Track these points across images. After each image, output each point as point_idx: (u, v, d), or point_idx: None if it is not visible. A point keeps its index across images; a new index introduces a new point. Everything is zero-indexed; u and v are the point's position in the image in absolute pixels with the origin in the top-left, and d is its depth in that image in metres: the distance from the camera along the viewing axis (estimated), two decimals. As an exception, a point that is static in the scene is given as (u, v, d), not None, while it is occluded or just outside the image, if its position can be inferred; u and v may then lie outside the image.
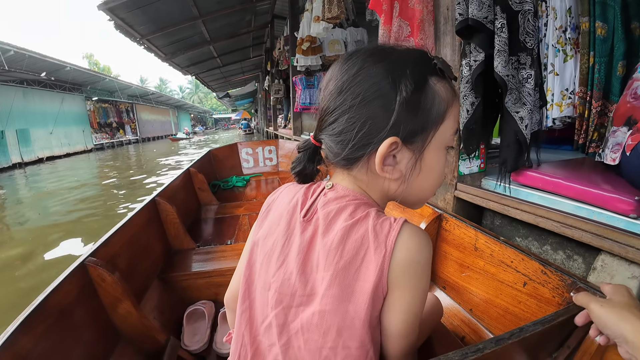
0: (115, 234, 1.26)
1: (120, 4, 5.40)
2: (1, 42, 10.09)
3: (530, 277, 0.88)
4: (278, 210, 0.57)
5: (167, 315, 1.39)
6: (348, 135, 0.49)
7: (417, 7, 1.36)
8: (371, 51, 0.50)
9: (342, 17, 3.23)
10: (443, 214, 1.24)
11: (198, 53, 10.14)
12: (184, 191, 2.45)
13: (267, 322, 0.51)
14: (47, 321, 0.83)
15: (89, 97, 20.37)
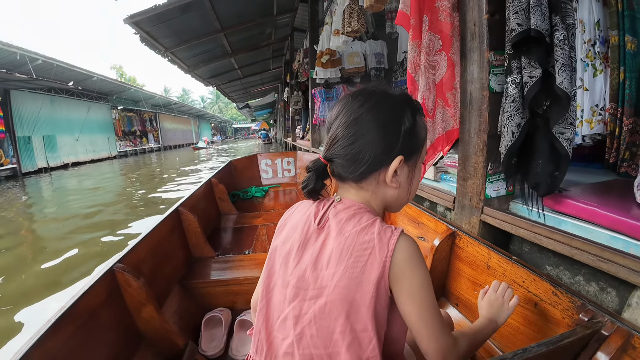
0: (141, 241, 1.33)
1: (146, 18, 5.58)
2: (29, 51, 10.52)
3: (541, 297, 0.89)
4: (294, 221, 0.70)
5: (186, 320, 1.45)
6: (366, 156, 0.62)
7: (447, 20, 1.32)
8: (376, 93, 0.65)
9: (362, 30, 3.21)
10: (457, 231, 1.26)
11: (219, 65, 10.37)
12: (205, 201, 2.51)
13: (284, 316, 0.63)
14: (77, 322, 0.89)
15: (115, 106, 21.10)
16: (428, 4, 1.32)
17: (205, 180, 2.78)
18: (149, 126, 26.70)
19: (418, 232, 1.62)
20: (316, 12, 5.61)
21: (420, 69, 1.30)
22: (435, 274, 1.29)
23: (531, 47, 1.04)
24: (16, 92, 12.62)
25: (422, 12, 1.31)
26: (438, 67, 1.31)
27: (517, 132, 1.10)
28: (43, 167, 13.94)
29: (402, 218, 1.78)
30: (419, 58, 1.32)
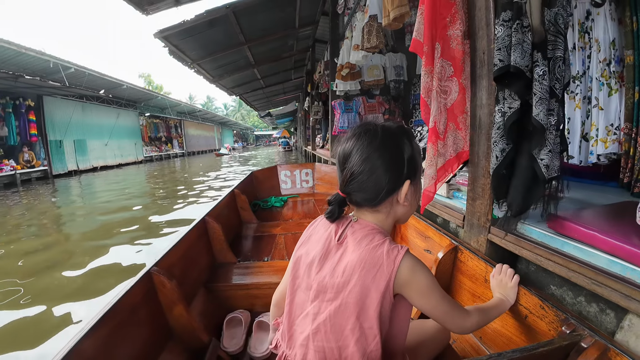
0: (174, 247, 1.49)
1: (174, 33, 5.87)
2: (62, 59, 11.07)
3: (530, 310, 0.98)
4: (317, 235, 0.83)
5: (210, 320, 1.59)
6: (381, 187, 0.74)
7: (458, 47, 1.38)
8: (379, 131, 0.76)
9: (381, 46, 3.30)
10: (459, 246, 1.36)
11: (243, 75, 10.67)
12: (228, 210, 2.70)
13: (305, 313, 0.77)
14: (120, 316, 1.03)
15: (142, 112, 21.94)
16: (440, 32, 1.39)
17: (228, 190, 2.99)
18: (174, 132, 27.58)
19: (425, 245, 1.70)
20: (337, 26, 5.74)
21: (433, 94, 1.37)
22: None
23: (512, 81, 1.10)
24: (49, 98, 13.36)
25: (434, 40, 1.38)
26: (450, 92, 1.37)
27: (501, 156, 1.16)
28: (73, 170, 14.67)
29: (411, 231, 1.87)
30: (431, 83, 1.39)
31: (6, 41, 8.82)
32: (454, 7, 1.40)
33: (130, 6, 5.08)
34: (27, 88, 11.46)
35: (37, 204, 7.40)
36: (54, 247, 4.23)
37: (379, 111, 5.22)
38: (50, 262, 3.60)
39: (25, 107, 12.33)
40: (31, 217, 6.05)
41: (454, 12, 1.39)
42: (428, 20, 1.34)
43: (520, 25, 1.08)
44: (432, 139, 1.38)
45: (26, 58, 10.05)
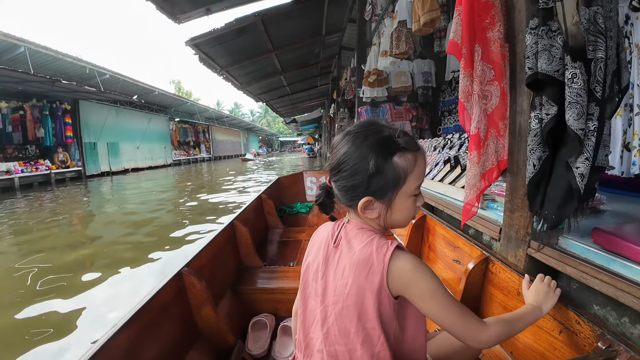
0: (203, 249, 1.53)
1: (205, 41, 6.04)
2: (98, 66, 11.72)
3: (565, 325, 0.94)
4: (318, 242, 0.84)
5: (236, 322, 1.61)
6: (347, 189, 0.74)
7: (499, 50, 1.32)
8: (354, 137, 0.73)
9: (410, 52, 3.24)
10: (490, 257, 1.31)
11: (269, 82, 10.85)
12: (255, 214, 2.73)
13: (316, 319, 0.76)
14: (152, 314, 1.07)
15: (172, 118, 22.72)
16: (480, 34, 1.33)
17: (256, 196, 3.03)
18: (202, 137, 28.35)
19: (454, 255, 1.64)
20: (364, 33, 5.71)
21: (474, 98, 1.30)
22: (468, 297, 1.32)
23: (544, 87, 1.05)
24: (85, 102, 14.07)
25: (474, 42, 1.31)
26: (490, 97, 1.30)
27: (538, 164, 1.09)
28: (106, 171, 15.35)
29: (439, 241, 1.80)
30: (471, 87, 1.32)
31: (44, 47, 9.38)
32: (493, 9, 1.33)
33: (164, 15, 5.28)
34: (64, 92, 12.12)
35: (77, 202, 7.75)
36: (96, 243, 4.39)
37: (406, 118, 5.13)
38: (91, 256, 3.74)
39: (62, 110, 13.03)
40: (80, 214, 6.33)
41: (494, 14, 1.32)
42: (466, 22, 1.29)
43: (546, 30, 1.04)
44: (475, 146, 1.30)
45: (63, 64, 10.67)
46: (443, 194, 2.15)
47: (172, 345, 1.17)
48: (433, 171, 2.39)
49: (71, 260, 3.66)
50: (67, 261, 3.64)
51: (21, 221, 5.72)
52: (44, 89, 11.17)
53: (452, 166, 2.18)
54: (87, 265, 3.56)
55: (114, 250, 4.08)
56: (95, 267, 3.48)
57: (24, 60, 9.23)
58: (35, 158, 12.49)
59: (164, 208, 6.81)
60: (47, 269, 3.37)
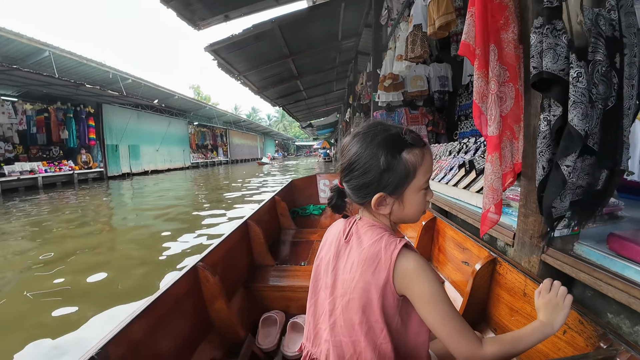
0: (218, 245, 1.59)
1: (223, 47, 6.16)
2: (121, 71, 12.05)
3: (569, 325, 0.94)
4: (330, 237, 0.87)
5: (247, 317, 1.67)
6: (358, 188, 0.77)
7: (513, 51, 1.30)
8: (363, 136, 0.76)
9: (425, 56, 3.22)
10: (497, 258, 1.31)
11: (286, 87, 10.95)
12: (268, 215, 2.79)
13: (325, 311, 0.79)
14: (168, 305, 1.12)
15: (191, 121, 23.18)
16: (494, 35, 1.31)
17: (269, 197, 3.11)
18: (219, 141, 28.82)
19: (463, 256, 1.65)
20: (380, 37, 5.71)
21: (491, 99, 1.28)
22: (475, 298, 1.33)
23: (550, 87, 1.03)
24: (107, 106, 14.52)
25: (488, 42, 1.30)
26: (505, 98, 1.28)
27: (548, 167, 1.07)
28: (126, 172, 15.76)
29: (448, 243, 1.82)
30: (486, 87, 1.30)
31: (68, 52, 9.73)
32: (507, 10, 1.31)
33: (184, 22, 5.42)
34: (88, 96, 12.54)
35: (103, 201, 7.99)
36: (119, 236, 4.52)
37: (422, 122, 5.08)
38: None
39: (86, 113, 13.49)
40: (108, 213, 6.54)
41: (507, 15, 1.31)
42: (480, 22, 1.27)
43: (551, 29, 1.03)
44: (495, 149, 1.28)
45: (87, 68, 11.05)
46: (457, 199, 2.12)
47: (185, 335, 1.22)
48: (447, 175, 2.35)
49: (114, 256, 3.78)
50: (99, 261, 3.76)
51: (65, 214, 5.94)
52: (69, 92, 11.59)
53: (467, 170, 2.15)
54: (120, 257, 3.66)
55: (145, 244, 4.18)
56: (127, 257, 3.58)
57: (49, 64, 9.55)
58: (58, 159, 12.94)
59: (183, 205, 6.95)
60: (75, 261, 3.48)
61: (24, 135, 11.96)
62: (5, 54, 9.16)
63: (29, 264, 3.52)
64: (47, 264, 3.47)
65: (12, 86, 11.06)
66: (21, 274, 3.25)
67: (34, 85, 10.59)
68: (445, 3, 2.55)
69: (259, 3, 5.56)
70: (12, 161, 11.02)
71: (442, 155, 2.96)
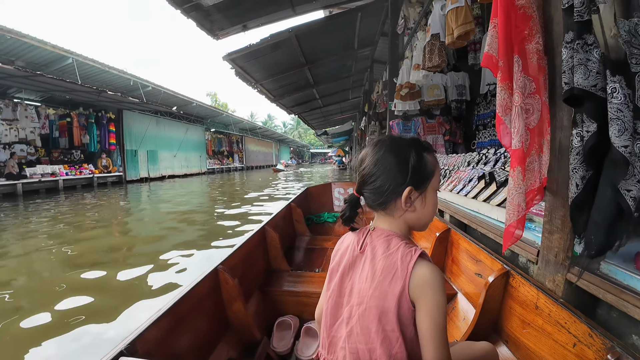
0: (238, 249, 1.65)
1: (241, 56, 6.27)
2: (141, 78, 12.43)
3: (579, 338, 0.95)
4: (343, 248, 0.89)
5: (263, 320, 1.70)
6: (385, 188, 0.79)
7: (539, 62, 1.26)
8: (390, 140, 0.83)
9: (443, 65, 3.19)
10: (510, 271, 1.31)
11: (302, 95, 11.04)
12: (284, 221, 2.83)
13: (340, 319, 0.81)
14: (190, 304, 1.17)
15: (208, 128, 23.62)
16: (519, 46, 1.28)
17: (286, 204, 3.16)
18: (235, 147, 29.23)
19: (476, 268, 1.65)
20: (396, 46, 5.70)
21: (515, 111, 1.25)
22: (487, 310, 1.33)
23: (583, 103, 1.00)
24: (128, 112, 14.96)
25: (512, 53, 1.27)
26: (532, 110, 1.24)
27: (582, 184, 1.02)
28: (144, 177, 16.15)
29: (462, 255, 1.81)
30: (509, 100, 1.27)
31: (91, 59, 10.06)
32: (531, 21, 1.28)
33: (203, 32, 5.54)
34: (109, 102, 12.96)
35: (123, 205, 8.18)
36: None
37: (439, 132, 5.02)
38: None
39: (107, 119, 13.95)
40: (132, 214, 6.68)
41: (532, 26, 1.27)
42: (503, 34, 1.24)
43: (582, 44, 1.00)
44: (518, 162, 1.24)
45: (109, 76, 11.42)
46: (477, 212, 2.06)
47: (205, 333, 1.27)
48: (467, 187, 2.30)
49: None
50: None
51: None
52: (91, 98, 11.99)
53: (487, 183, 2.10)
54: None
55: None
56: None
57: (72, 71, 9.89)
58: (79, 162, 13.38)
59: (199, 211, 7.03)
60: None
61: (46, 139, 12.41)
62: (30, 60, 9.55)
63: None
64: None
65: (36, 91, 11.52)
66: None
67: (57, 91, 10.98)
68: (464, 12, 2.52)
69: (276, 13, 5.65)
70: (34, 164, 11.43)
71: (461, 166, 2.91)
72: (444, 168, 3.24)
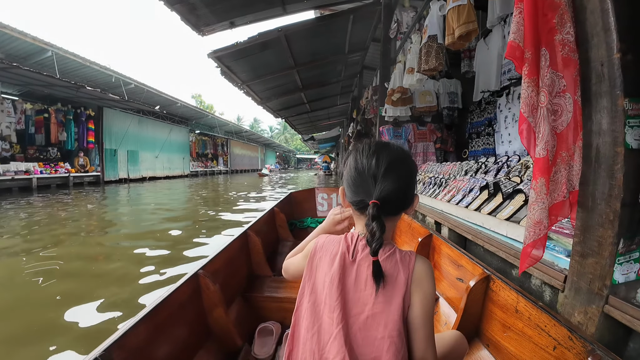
0: (219, 254, 1.60)
1: (227, 54, 6.01)
2: (124, 75, 11.98)
3: (559, 341, 0.95)
4: (327, 257, 0.80)
5: (244, 326, 1.65)
6: (408, 197, 0.78)
7: (571, 55, 1.08)
8: (398, 146, 0.81)
9: (440, 68, 3.02)
10: (491, 275, 1.31)
11: (290, 99, 10.83)
12: (267, 226, 2.78)
13: (334, 336, 0.72)
14: (169, 311, 1.11)
15: (193, 130, 23.08)
16: (546, 37, 1.10)
17: (268, 209, 3.11)
18: (220, 150, 28.72)
19: (457, 273, 1.64)
20: (388, 50, 5.55)
21: (540, 114, 1.06)
22: (469, 315, 1.33)
23: None
24: (108, 110, 14.38)
25: (539, 45, 1.09)
26: (561, 111, 1.05)
27: None
28: (124, 178, 15.53)
29: (444, 260, 1.81)
30: (536, 99, 1.08)
31: (72, 53, 9.66)
32: (560, 8, 1.10)
33: (188, 26, 5.28)
34: (89, 99, 12.41)
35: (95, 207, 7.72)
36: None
37: (430, 139, 4.88)
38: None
39: (86, 116, 13.36)
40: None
41: (562, 13, 1.09)
42: (529, 21, 1.06)
43: None
44: (541, 172, 1.05)
45: (90, 71, 10.97)
46: (481, 226, 1.87)
47: (185, 341, 1.22)
48: (467, 198, 2.12)
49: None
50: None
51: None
52: (70, 94, 11.47)
53: (491, 193, 1.92)
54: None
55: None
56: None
57: (52, 64, 9.47)
58: (55, 160, 12.78)
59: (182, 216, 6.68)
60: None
61: (22, 135, 11.81)
62: (9, 52, 9.09)
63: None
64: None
65: (14, 85, 10.97)
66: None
67: (35, 85, 10.47)
68: (466, 11, 2.36)
69: (266, 11, 5.43)
70: (8, 160, 10.81)
71: (457, 174, 2.73)
72: (437, 176, 3.06)
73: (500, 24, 3.76)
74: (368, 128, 8.80)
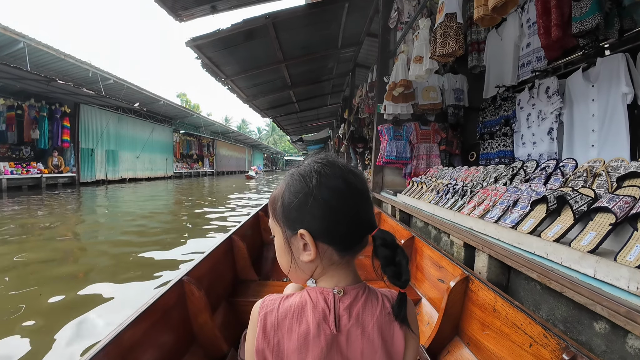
0: (203, 259, 1.59)
1: (208, 42, 5.40)
2: (102, 70, 11.24)
3: (535, 339, 0.98)
4: (302, 338, 0.56)
5: (230, 331, 1.61)
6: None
7: None
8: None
9: (460, 52, 2.50)
10: (470, 276, 1.35)
11: (278, 97, 10.25)
12: (252, 230, 2.75)
13: None
14: (153, 318, 1.12)
15: (177, 129, 22.22)
16: None
17: (253, 213, 3.08)
18: (205, 151, 27.86)
19: (438, 274, 1.67)
20: (387, 42, 5.04)
21: None
22: (450, 314, 1.36)
23: None
24: (85, 107, 13.53)
25: None
26: None
27: None
28: (101, 179, 14.68)
29: (426, 261, 1.84)
30: None
31: (45, 45, 8.96)
32: None
33: (164, 10, 4.67)
34: (65, 94, 11.57)
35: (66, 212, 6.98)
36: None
37: (434, 140, 4.37)
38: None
39: (61, 113, 12.50)
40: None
41: None
42: None
43: None
44: None
45: (65, 64, 10.20)
46: (546, 258, 1.30)
47: (170, 348, 1.19)
48: (511, 214, 1.58)
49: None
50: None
51: None
52: (44, 89, 10.67)
53: (550, 210, 1.39)
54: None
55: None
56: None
57: (23, 57, 8.78)
58: (28, 160, 11.99)
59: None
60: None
61: (-7, 133, 10.98)
62: (-22, 43, 8.33)
63: None
64: None
65: (-18, 79, 10.12)
66: None
67: (5, 78, 9.65)
68: (503, -27, 1.84)
69: (251, -6, 4.87)
70: (-22, 159, 10.00)
71: (484, 182, 2.20)
72: (452, 183, 2.53)
73: (517, 11, 3.28)
74: (361, 129, 8.31)
